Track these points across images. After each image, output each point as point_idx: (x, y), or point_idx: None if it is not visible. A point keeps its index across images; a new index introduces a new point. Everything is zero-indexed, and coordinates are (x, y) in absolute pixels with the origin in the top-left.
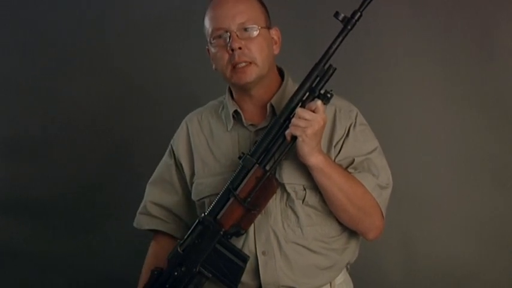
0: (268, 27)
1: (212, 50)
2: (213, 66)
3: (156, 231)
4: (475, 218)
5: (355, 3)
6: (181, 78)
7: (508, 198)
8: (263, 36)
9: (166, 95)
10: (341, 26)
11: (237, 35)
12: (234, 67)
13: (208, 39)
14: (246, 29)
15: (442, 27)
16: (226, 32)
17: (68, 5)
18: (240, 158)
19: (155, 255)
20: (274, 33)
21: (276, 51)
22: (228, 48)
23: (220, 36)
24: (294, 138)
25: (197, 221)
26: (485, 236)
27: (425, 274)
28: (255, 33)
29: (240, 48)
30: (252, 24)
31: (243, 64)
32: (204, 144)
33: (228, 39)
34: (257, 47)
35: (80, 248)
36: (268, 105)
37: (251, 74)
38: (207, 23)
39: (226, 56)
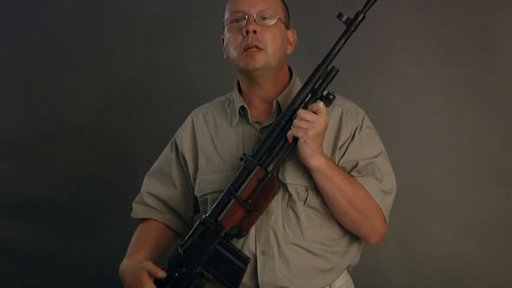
0: (286, 26)
1: (227, 34)
2: (225, 55)
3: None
4: (475, 218)
5: (358, 5)
6: (181, 78)
7: (508, 198)
8: (279, 28)
9: (166, 94)
10: (344, 27)
11: (255, 20)
12: (245, 50)
13: (225, 24)
14: (264, 18)
15: (442, 27)
16: (245, 15)
17: (67, 4)
18: (241, 159)
19: (145, 231)
20: (291, 34)
21: (290, 51)
22: (244, 30)
23: (237, 21)
24: (296, 139)
25: (198, 222)
26: (486, 236)
27: (426, 275)
28: (272, 22)
29: (254, 32)
30: (271, 13)
31: (254, 49)
32: (208, 139)
33: (245, 23)
34: (271, 36)
35: (80, 248)
36: (274, 102)
37: (259, 60)
38: (227, 7)
39: (240, 38)
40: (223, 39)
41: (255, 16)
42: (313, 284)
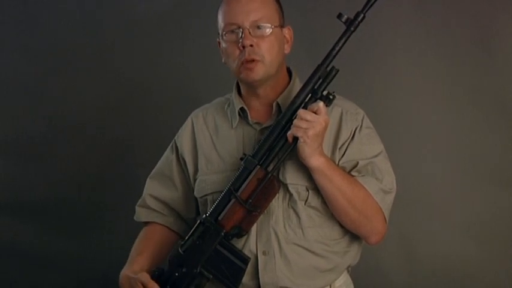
0: (282, 26)
1: (223, 44)
2: (223, 60)
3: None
4: (475, 218)
5: (358, 5)
6: (181, 78)
7: (508, 198)
8: (275, 35)
9: (166, 94)
10: (344, 27)
11: (250, 32)
12: (243, 63)
13: (220, 33)
14: (259, 27)
15: (442, 27)
16: (239, 28)
17: (67, 4)
18: (241, 159)
19: (147, 235)
20: (287, 32)
21: (287, 50)
22: (240, 44)
23: (232, 32)
24: (296, 139)
25: (198, 222)
26: (486, 236)
27: (426, 275)
28: (268, 31)
29: (251, 45)
30: (266, 22)
31: (252, 62)
32: (209, 140)
33: (240, 35)
34: (268, 45)
35: (80, 248)
36: (274, 104)
37: (258, 72)
38: (221, 16)
39: (237, 52)
40: (219, 43)
41: (249, 27)
42: (314, 284)
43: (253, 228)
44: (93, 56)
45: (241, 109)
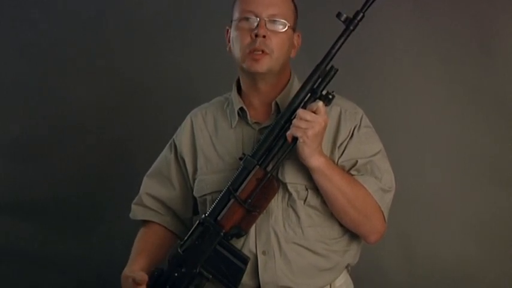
0: (294, 30)
1: (234, 32)
2: (228, 48)
3: (147, 221)
4: (475, 218)
5: (358, 4)
6: (181, 78)
7: (508, 198)
8: (287, 34)
9: (166, 94)
10: (343, 26)
11: (265, 24)
12: (250, 52)
13: (233, 19)
14: (275, 21)
15: (442, 27)
16: (256, 17)
17: (68, 4)
18: (241, 158)
19: (145, 235)
20: (296, 38)
21: (293, 54)
22: (253, 33)
23: (247, 19)
24: (295, 139)
25: (197, 222)
26: (486, 236)
27: (425, 275)
28: (282, 28)
29: (264, 36)
30: (282, 18)
31: (259, 52)
32: (208, 140)
33: (255, 25)
34: (279, 41)
35: (80, 248)
36: (273, 103)
37: (263, 65)
38: (239, 3)
39: (248, 40)
40: (227, 31)
41: (266, 20)
42: (314, 283)
43: (253, 228)
44: (93, 56)
45: (241, 109)
